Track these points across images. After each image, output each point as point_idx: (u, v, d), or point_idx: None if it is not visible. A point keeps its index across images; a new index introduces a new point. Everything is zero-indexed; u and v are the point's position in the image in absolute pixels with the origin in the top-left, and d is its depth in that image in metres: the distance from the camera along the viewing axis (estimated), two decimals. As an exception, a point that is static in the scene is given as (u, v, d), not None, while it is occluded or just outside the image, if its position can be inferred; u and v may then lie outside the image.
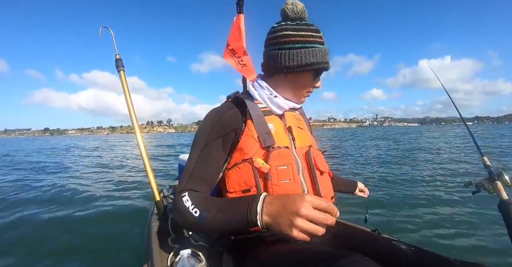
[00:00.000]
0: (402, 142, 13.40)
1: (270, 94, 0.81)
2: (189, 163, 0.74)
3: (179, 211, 0.67)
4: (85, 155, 10.17)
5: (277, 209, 0.55)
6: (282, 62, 0.75)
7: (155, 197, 1.30)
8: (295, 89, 0.82)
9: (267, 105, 0.82)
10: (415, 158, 7.28)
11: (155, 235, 1.10)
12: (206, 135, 0.74)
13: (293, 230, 0.51)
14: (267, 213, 0.56)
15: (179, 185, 0.74)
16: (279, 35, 0.75)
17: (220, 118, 0.75)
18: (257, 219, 0.56)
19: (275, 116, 0.81)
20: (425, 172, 5.22)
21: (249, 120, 0.75)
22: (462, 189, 4.16)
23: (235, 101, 0.80)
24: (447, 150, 9.04)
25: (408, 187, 4.15)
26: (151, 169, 1.35)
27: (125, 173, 5.49)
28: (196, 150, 0.75)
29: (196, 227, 0.66)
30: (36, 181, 4.66)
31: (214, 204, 0.66)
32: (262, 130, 0.74)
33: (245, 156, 0.73)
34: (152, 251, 0.96)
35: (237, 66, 1.51)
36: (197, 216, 0.64)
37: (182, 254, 0.78)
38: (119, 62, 1.46)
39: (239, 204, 0.61)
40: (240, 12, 1.51)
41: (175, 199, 0.71)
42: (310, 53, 0.73)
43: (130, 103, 1.44)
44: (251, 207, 0.57)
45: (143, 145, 1.37)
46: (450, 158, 6.98)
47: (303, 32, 0.74)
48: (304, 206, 0.52)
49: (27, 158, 9.15)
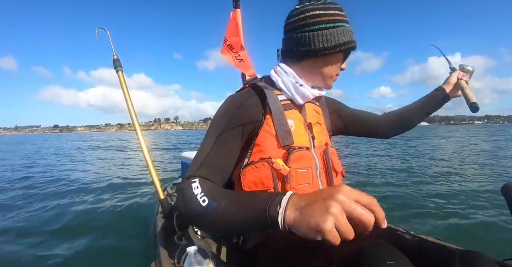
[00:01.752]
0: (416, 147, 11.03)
1: (295, 83, 0.75)
2: (202, 150, 0.68)
3: (185, 197, 0.59)
4: (91, 154, 10.22)
5: (307, 201, 0.43)
6: (315, 44, 0.69)
7: (159, 195, 1.31)
8: (325, 73, 0.76)
9: (291, 94, 0.76)
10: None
11: (161, 233, 1.11)
12: (224, 122, 0.69)
13: (327, 219, 0.38)
14: (293, 207, 0.44)
15: (189, 171, 0.66)
16: (307, 15, 0.70)
17: (241, 106, 0.70)
18: (278, 213, 0.44)
19: (295, 110, 0.76)
20: (431, 168, 5.23)
21: (268, 115, 0.71)
22: (470, 184, 4.16)
23: (254, 89, 0.75)
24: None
25: (417, 182, 4.16)
26: (154, 167, 1.36)
27: (129, 171, 5.52)
28: (211, 137, 0.69)
29: (200, 218, 0.57)
30: (40, 177, 4.69)
31: (227, 195, 0.58)
32: (282, 128, 0.70)
33: (263, 155, 0.70)
34: (159, 249, 0.97)
35: (234, 62, 1.50)
36: (205, 206, 0.56)
37: (189, 251, 0.79)
38: (116, 63, 1.45)
39: (259, 197, 0.51)
40: (237, 7, 1.50)
41: (182, 184, 0.65)
42: (342, 32, 0.69)
43: (130, 103, 1.44)
44: (273, 200, 0.46)
45: (145, 144, 1.38)
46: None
47: (332, 11, 0.70)
48: (343, 191, 0.41)
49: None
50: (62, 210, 2.87)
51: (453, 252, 0.58)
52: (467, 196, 3.32)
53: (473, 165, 5.78)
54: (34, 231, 2.33)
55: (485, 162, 6.14)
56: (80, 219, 2.59)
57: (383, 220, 0.41)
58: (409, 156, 7.59)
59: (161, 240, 1.05)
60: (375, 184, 4.09)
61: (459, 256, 0.57)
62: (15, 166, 6.97)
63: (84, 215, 2.69)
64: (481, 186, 3.84)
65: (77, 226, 2.41)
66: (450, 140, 15.40)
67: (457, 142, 13.53)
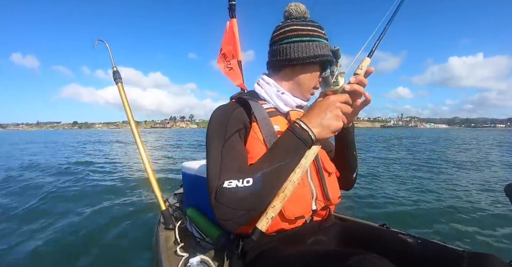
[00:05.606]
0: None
1: (277, 91, 0.82)
2: (214, 161, 0.66)
3: (228, 199, 0.58)
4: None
5: (316, 118, 0.64)
6: (291, 53, 0.78)
7: (161, 207, 1.30)
8: (301, 83, 0.82)
9: (274, 103, 0.81)
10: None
11: (164, 245, 1.10)
12: (222, 129, 0.71)
13: (338, 119, 0.64)
14: (312, 126, 0.64)
15: (210, 186, 0.62)
16: (287, 30, 0.80)
17: (232, 114, 0.74)
18: (310, 135, 0.63)
19: (280, 116, 0.80)
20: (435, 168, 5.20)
21: (254, 123, 0.74)
22: (475, 186, 4.13)
23: (239, 102, 0.79)
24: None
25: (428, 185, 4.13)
26: (155, 179, 1.36)
27: (130, 181, 5.49)
28: (216, 146, 0.68)
29: (256, 196, 0.59)
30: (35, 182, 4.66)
31: (257, 163, 0.65)
32: (268, 133, 0.73)
33: (251, 160, 0.70)
34: (162, 261, 0.96)
35: (224, 70, 1.53)
36: (252, 182, 0.59)
37: (192, 262, 0.79)
38: (116, 75, 1.47)
39: (283, 139, 0.66)
40: (233, 16, 1.53)
41: (213, 200, 0.60)
42: (317, 46, 0.78)
43: (130, 116, 1.45)
44: (299, 133, 0.64)
45: (146, 157, 1.38)
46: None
47: (310, 27, 0.79)
48: (330, 97, 0.66)
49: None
50: (59, 222, 2.83)
51: (460, 255, 0.57)
52: (469, 197, 3.30)
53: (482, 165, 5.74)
54: (27, 248, 2.30)
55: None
56: (79, 232, 2.56)
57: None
58: (409, 156, 7.55)
59: (163, 252, 1.04)
60: (375, 187, 4.07)
61: (468, 258, 0.55)
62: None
63: (84, 228, 2.65)
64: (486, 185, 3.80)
65: (76, 239, 2.38)
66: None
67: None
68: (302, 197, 0.73)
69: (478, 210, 2.84)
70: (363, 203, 3.15)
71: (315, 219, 0.80)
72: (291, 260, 0.62)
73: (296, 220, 0.73)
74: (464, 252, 0.58)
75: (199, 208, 1.23)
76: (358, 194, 3.51)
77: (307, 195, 0.74)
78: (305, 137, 0.64)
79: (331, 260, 0.52)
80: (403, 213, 2.81)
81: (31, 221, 2.99)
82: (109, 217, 3.04)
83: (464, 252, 0.58)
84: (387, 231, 0.83)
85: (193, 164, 1.36)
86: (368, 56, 0.71)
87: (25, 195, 4.05)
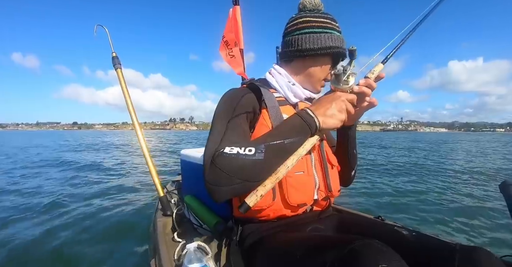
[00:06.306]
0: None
1: (288, 82, 0.82)
2: (217, 133, 0.67)
3: (226, 166, 0.57)
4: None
5: (323, 109, 0.67)
6: (302, 44, 0.78)
7: (159, 193, 1.31)
8: (312, 75, 0.82)
9: (284, 93, 0.82)
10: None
11: (161, 230, 1.12)
12: (231, 109, 0.72)
13: (342, 112, 0.67)
14: (319, 115, 0.66)
15: (208, 151, 0.62)
16: (299, 21, 0.80)
17: (243, 96, 0.75)
18: (315, 121, 0.65)
19: (289, 106, 0.81)
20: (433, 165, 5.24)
21: (264, 110, 0.76)
22: (470, 182, 4.17)
23: (250, 88, 0.80)
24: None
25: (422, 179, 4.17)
26: (153, 165, 1.36)
27: (128, 169, 5.52)
28: (221, 123, 0.70)
29: (255, 167, 0.59)
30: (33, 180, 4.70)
31: (262, 136, 0.66)
32: (277, 120, 0.74)
33: None
34: (159, 246, 0.97)
35: (226, 58, 1.50)
36: (255, 151, 0.59)
37: (189, 248, 0.80)
38: (115, 60, 1.45)
39: (288, 120, 0.68)
40: (236, 3, 1.50)
41: (208, 164, 0.60)
42: (329, 37, 0.77)
43: (129, 101, 1.44)
44: (307, 119, 0.65)
45: (144, 142, 1.38)
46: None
47: (323, 19, 0.79)
48: (336, 92, 0.68)
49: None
50: (58, 209, 2.86)
51: (453, 248, 0.58)
52: (465, 192, 3.34)
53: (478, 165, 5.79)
54: (26, 217, 2.33)
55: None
56: (78, 216, 2.59)
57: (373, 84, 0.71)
58: (409, 155, 7.60)
59: (161, 237, 1.05)
60: (376, 181, 4.11)
61: (460, 251, 0.56)
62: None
63: (83, 213, 2.69)
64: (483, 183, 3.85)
65: (75, 223, 2.41)
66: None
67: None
68: (306, 185, 0.75)
69: (474, 207, 2.88)
70: (359, 195, 3.20)
71: (315, 208, 0.81)
72: (293, 244, 0.62)
73: (298, 208, 0.75)
74: (456, 245, 0.59)
75: (197, 196, 1.23)
76: (355, 187, 3.55)
77: (310, 184, 0.76)
78: (311, 122, 0.66)
79: (334, 244, 0.52)
80: (398, 206, 2.86)
81: (29, 208, 3.02)
82: (106, 202, 3.07)
83: (456, 245, 0.59)
84: (382, 223, 0.84)
85: (192, 152, 1.36)
86: (382, 62, 0.74)
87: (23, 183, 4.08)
